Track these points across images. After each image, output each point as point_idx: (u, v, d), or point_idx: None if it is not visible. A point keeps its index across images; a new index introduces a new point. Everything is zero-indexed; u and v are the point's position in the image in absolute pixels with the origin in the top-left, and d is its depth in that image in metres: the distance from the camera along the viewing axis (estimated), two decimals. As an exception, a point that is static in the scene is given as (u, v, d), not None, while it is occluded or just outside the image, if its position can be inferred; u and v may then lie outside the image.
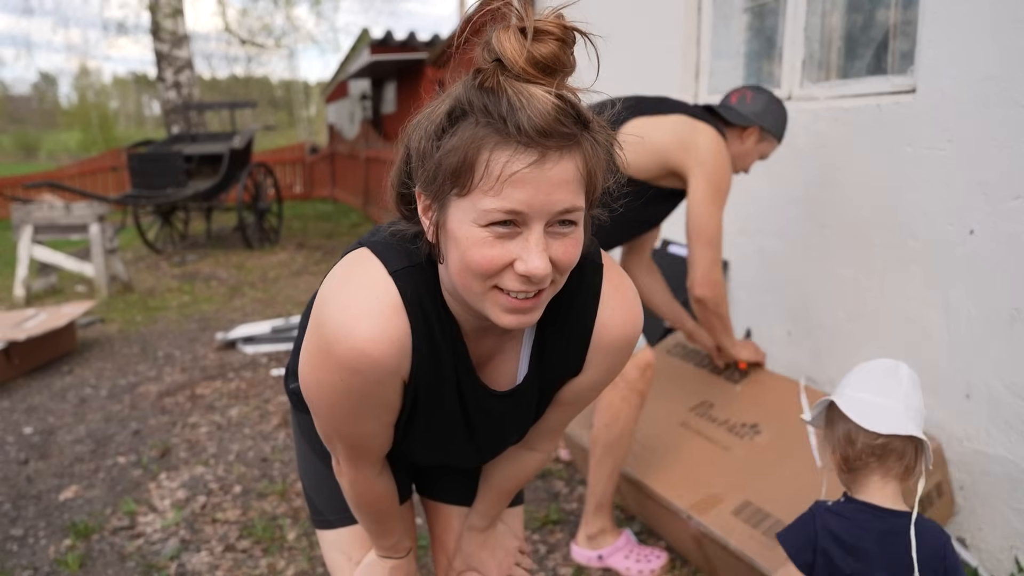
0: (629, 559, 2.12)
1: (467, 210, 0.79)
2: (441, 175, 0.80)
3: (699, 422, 2.19)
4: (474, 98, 0.78)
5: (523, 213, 0.77)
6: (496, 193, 0.76)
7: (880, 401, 1.27)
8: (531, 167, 0.76)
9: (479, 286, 0.83)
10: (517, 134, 0.75)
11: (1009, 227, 1.91)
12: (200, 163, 8.41)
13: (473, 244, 0.79)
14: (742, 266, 2.98)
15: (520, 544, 1.36)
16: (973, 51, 1.97)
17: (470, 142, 0.77)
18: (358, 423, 0.98)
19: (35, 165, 29.01)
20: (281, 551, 2.28)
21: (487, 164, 0.76)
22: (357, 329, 0.87)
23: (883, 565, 1.23)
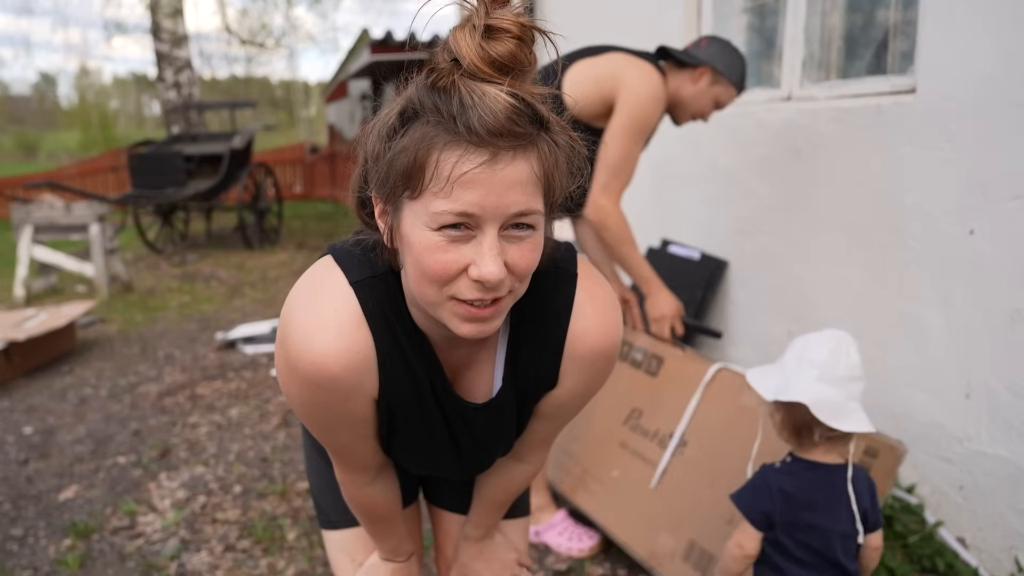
0: (562, 536, 2.19)
1: (419, 213, 0.77)
2: (392, 177, 0.78)
3: (634, 439, 2.15)
4: (425, 97, 0.76)
5: (475, 216, 0.75)
6: (447, 195, 0.74)
7: (841, 399, 1.37)
8: (482, 167, 0.73)
9: (435, 294, 0.80)
10: (467, 133, 0.72)
11: (1009, 227, 1.91)
12: (200, 163, 8.41)
13: (426, 249, 0.77)
14: (742, 266, 2.98)
15: (520, 557, 1.34)
16: (973, 51, 1.97)
17: (420, 142, 0.75)
18: (333, 434, 0.98)
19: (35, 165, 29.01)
20: (281, 551, 2.28)
21: (436, 164, 0.74)
22: (316, 344, 0.85)
23: (831, 510, 1.40)
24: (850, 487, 1.40)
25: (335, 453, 1.05)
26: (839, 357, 1.39)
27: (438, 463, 1.11)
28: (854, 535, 1.39)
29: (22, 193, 11.25)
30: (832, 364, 1.38)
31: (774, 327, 2.83)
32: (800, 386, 1.37)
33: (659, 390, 2.16)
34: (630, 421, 2.19)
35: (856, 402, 1.38)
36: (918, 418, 2.23)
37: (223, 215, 10.19)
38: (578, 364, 0.98)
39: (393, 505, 1.17)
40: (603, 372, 1.02)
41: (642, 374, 2.22)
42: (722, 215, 3.08)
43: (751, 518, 1.42)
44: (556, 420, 1.09)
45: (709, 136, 3.09)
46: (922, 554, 2.04)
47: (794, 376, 1.40)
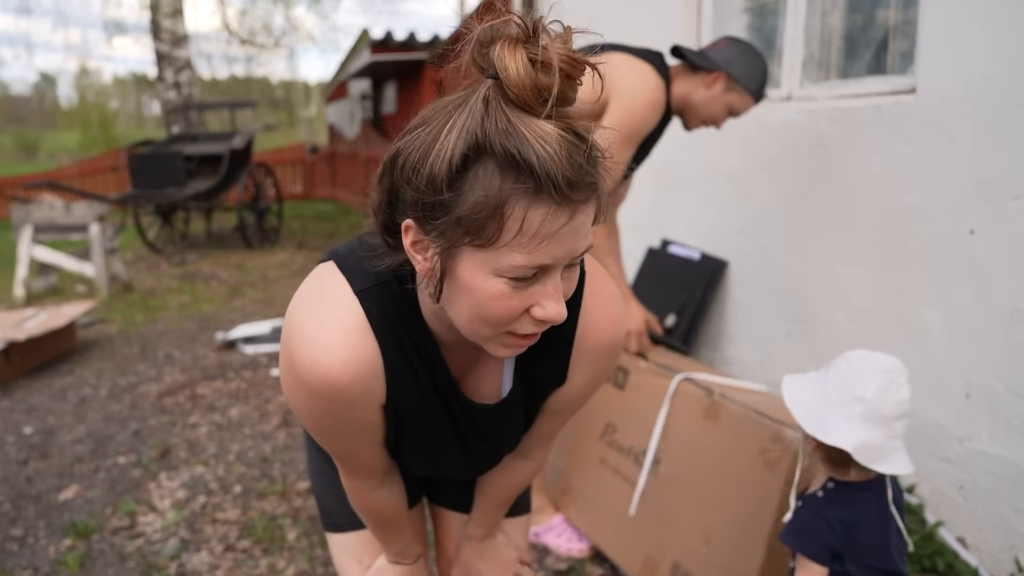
0: (561, 537, 2.20)
1: (486, 261, 0.74)
2: (460, 227, 0.73)
3: (612, 455, 2.13)
4: (494, 140, 0.70)
5: (549, 266, 0.75)
6: (529, 251, 0.72)
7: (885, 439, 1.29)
8: (566, 225, 0.72)
9: (489, 332, 0.80)
10: (553, 191, 0.70)
11: (1009, 227, 1.91)
12: (200, 163, 8.41)
13: (491, 297, 0.75)
14: (742, 266, 2.98)
15: (521, 555, 1.34)
16: (973, 51, 1.97)
17: (499, 197, 0.70)
18: (342, 442, 0.98)
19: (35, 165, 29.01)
20: (281, 551, 2.28)
21: (521, 222, 0.71)
22: (324, 356, 0.85)
23: (885, 526, 1.33)
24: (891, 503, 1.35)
25: (342, 460, 1.04)
26: (888, 394, 1.30)
27: (446, 465, 1.11)
28: (904, 544, 1.36)
29: (22, 193, 11.25)
30: (880, 402, 1.29)
31: (774, 327, 2.83)
32: (843, 427, 1.29)
33: (628, 404, 2.10)
34: (606, 437, 2.16)
35: (899, 440, 1.31)
36: (918, 418, 2.23)
37: (223, 215, 10.19)
38: (587, 358, 0.99)
39: (400, 508, 1.17)
40: (610, 364, 1.03)
41: (610, 387, 2.17)
42: (722, 215, 3.08)
43: (815, 556, 1.31)
44: (562, 415, 1.11)
45: (709, 136, 3.09)
46: (922, 554, 2.04)
47: (836, 411, 1.31)
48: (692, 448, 1.88)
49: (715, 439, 1.81)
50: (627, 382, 2.11)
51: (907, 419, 1.32)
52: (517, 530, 1.35)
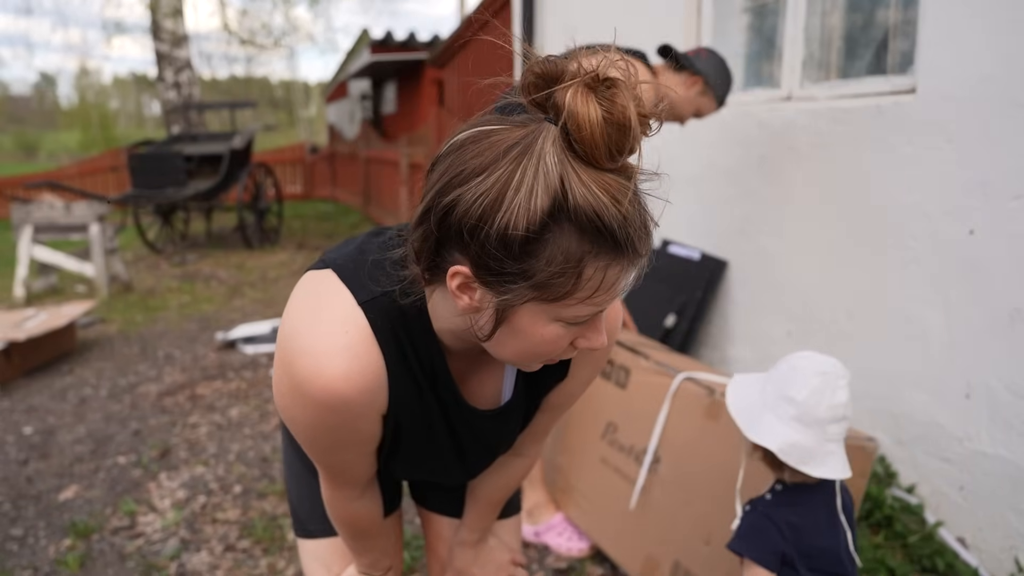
0: (561, 536, 2.22)
1: (549, 312, 0.75)
2: (529, 289, 0.72)
3: (613, 454, 2.12)
4: (577, 205, 0.67)
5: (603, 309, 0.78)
6: (596, 303, 0.74)
7: (816, 442, 1.28)
8: (630, 275, 0.75)
9: (533, 363, 0.84)
10: (632, 253, 0.72)
11: (1009, 227, 1.91)
12: (200, 163, 8.41)
13: (548, 341, 0.78)
14: (742, 266, 2.98)
15: (514, 556, 1.33)
16: (973, 51, 1.97)
17: (577, 260, 0.69)
18: (335, 454, 0.97)
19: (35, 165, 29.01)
20: (281, 551, 2.28)
21: (598, 282, 0.72)
22: (328, 368, 0.82)
23: (833, 528, 1.34)
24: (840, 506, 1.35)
25: (330, 470, 1.02)
26: (823, 397, 1.29)
27: (441, 471, 1.10)
28: (848, 546, 1.36)
29: (22, 193, 11.26)
30: (812, 405, 1.28)
31: (774, 327, 2.83)
32: (774, 427, 1.29)
33: (630, 403, 2.10)
34: (607, 436, 2.15)
35: (835, 443, 1.30)
36: (918, 418, 2.23)
37: (223, 215, 10.20)
38: (587, 353, 0.99)
39: (377, 518, 1.15)
40: (606, 355, 1.05)
41: (612, 386, 2.17)
42: (722, 215, 3.08)
43: (764, 563, 1.29)
44: (560, 409, 1.11)
45: (709, 136, 3.09)
46: (922, 554, 2.04)
47: (771, 411, 1.31)
48: (693, 447, 1.88)
49: (716, 438, 1.81)
50: (628, 381, 2.11)
51: (845, 423, 1.31)
52: (508, 532, 1.34)
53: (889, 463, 2.35)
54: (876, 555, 2.03)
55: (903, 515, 2.20)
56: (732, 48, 3.25)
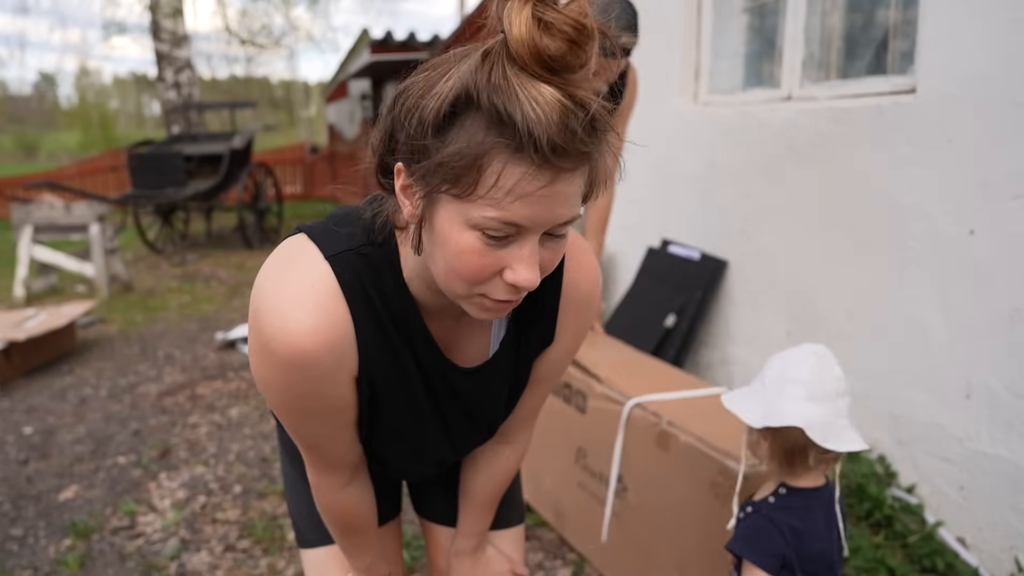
0: None
1: (461, 212, 0.73)
2: (439, 173, 0.73)
3: (587, 480, 2.09)
4: (484, 94, 0.69)
5: (523, 226, 0.73)
6: (502, 207, 0.71)
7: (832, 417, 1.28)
8: (544, 188, 0.71)
9: (463, 290, 0.79)
10: (533, 151, 0.68)
11: (1009, 227, 1.91)
12: (200, 163, 8.41)
13: (463, 251, 0.74)
14: (742, 266, 2.98)
15: (514, 567, 1.30)
16: (973, 51, 1.97)
17: (479, 149, 0.70)
18: (311, 423, 0.94)
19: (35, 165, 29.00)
20: (281, 551, 2.28)
21: (497, 177, 0.70)
22: (293, 323, 0.82)
23: (831, 533, 1.33)
24: (838, 507, 1.35)
25: (310, 449, 1.00)
26: (824, 372, 1.30)
27: (425, 446, 1.07)
28: (842, 550, 1.36)
29: (22, 193, 11.25)
30: (818, 381, 1.29)
31: (774, 327, 2.83)
32: (789, 408, 1.28)
33: (592, 428, 2.06)
34: (580, 461, 2.12)
35: (845, 419, 1.30)
36: (918, 418, 2.23)
37: (223, 215, 10.19)
38: (572, 312, 1.00)
39: (368, 515, 1.13)
40: (590, 317, 1.04)
41: (573, 411, 2.13)
42: (722, 215, 3.08)
43: (765, 566, 1.27)
44: (547, 382, 1.09)
45: (709, 136, 3.10)
46: (922, 554, 2.04)
47: (779, 398, 1.30)
48: (652, 477, 1.83)
49: (670, 470, 1.75)
50: (587, 406, 2.06)
51: (849, 397, 1.32)
52: (508, 542, 1.30)
53: (889, 463, 2.35)
54: (876, 555, 2.03)
55: (903, 515, 2.20)
56: (732, 48, 3.25)
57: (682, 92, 3.29)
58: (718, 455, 1.61)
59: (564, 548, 2.22)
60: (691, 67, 3.29)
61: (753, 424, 1.32)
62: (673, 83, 3.32)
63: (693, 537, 1.70)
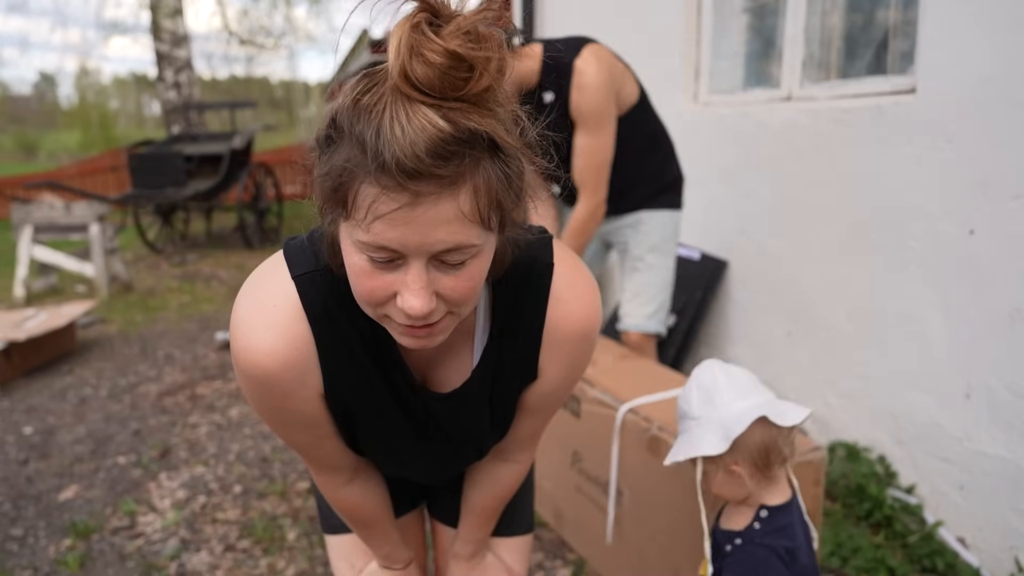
0: None
1: (348, 234, 0.74)
2: (323, 193, 0.74)
3: (584, 484, 2.09)
4: (345, 117, 0.69)
5: (397, 251, 0.71)
6: (366, 230, 0.70)
7: (771, 402, 1.30)
8: (400, 211, 0.68)
9: (371, 311, 0.79)
10: (381, 173, 0.66)
11: (1009, 227, 1.91)
12: (200, 163, 8.40)
13: (356, 272, 0.74)
14: (742, 266, 2.98)
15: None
16: (973, 51, 1.97)
17: (341, 169, 0.70)
18: (290, 431, 0.96)
19: (35, 165, 28.98)
20: (281, 551, 2.28)
21: (355, 198, 0.69)
22: (255, 341, 0.84)
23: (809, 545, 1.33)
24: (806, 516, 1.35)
25: (301, 452, 1.02)
26: (735, 375, 1.32)
27: (407, 462, 1.08)
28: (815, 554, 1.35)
29: (22, 193, 11.25)
30: (737, 382, 1.30)
31: (774, 327, 2.83)
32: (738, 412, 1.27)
33: (586, 432, 2.05)
34: (576, 465, 2.11)
35: (774, 397, 1.33)
36: (918, 418, 2.23)
37: (223, 215, 10.19)
38: (559, 350, 0.96)
39: (376, 510, 1.13)
40: (585, 356, 0.99)
41: (568, 415, 2.11)
42: (722, 215, 3.08)
43: None
44: (541, 412, 1.06)
45: (709, 136, 3.09)
46: (922, 554, 2.04)
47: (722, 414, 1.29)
48: (646, 482, 1.83)
49: (661, 475, 1.74)
50: (581, 410, 2.05)
51: (764, 385, 1.35)
52: (511, 552, 1.28)
53: (889, 463, 2.35)
54: (876, 555, 2.03)
55: (903, 515, 2.20)
56: (732, 48, 3.25)
57: (682, 92, 3.29)
58: None
59: (564, 548, 2.22)
60: (691, 67, 3.29)
61: (718, 450, 1.27)
62: (673, 83, 3.32)
63: (687, 541, 1.70)
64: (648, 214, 2.42)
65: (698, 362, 3.24)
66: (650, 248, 2.42)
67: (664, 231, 2.43)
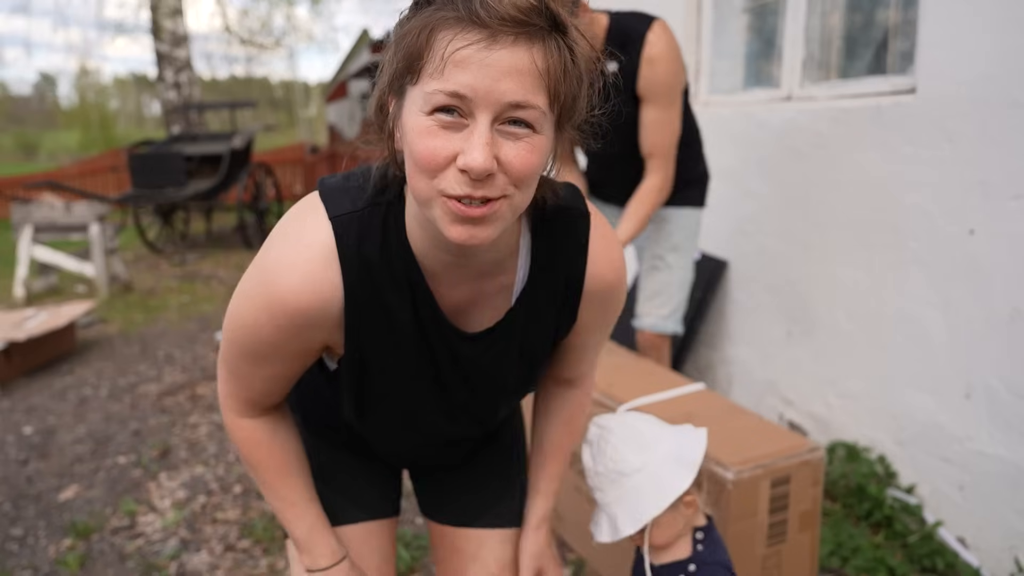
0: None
1: (416, 99, 0.75)
2: (397, 62, 0.76)
3: (583, 484, 2.04)
4: None
5: (467, 98, 0.72)
6: (440, 74, 0.72)
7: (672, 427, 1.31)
8: (476, 47, 0.70)
9: (426, 187, 0.76)
10: (467, 13, 0.70)
11: (1009, 227, 1.91)
12: (200, 163, 8.40)
13: (418, 133, 0.74)
14: (742, 266, 2.98)
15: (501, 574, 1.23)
16: (973, 51, 1.97)
17: (424, 23, 0.74)
18: (253, 363, 0.95)
19: (35, 165, 28.99)
20: (281, 551, 2.28)
21: (434, 44, 0.73)
22: (283, 278, 0.86)
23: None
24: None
25: (237, 379, 0.98)
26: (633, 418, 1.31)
27: (419, 421, 1.04)
28: None
29: (22, 193, 11.25)
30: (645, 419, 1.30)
31: (774, 327, 2.83)
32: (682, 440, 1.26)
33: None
34: (575, 466, 2.07)
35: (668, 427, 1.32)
36: (918, 418, 2.23)
37: (223, 215, 10.19)
38: (597, 300, 1.01)
39: (281, 454, 1.04)
40: (619, 302, 1.05)
41: None
42: (722, 215, 3.08)
43: None
44: (587, 350, 1.11)
45: (709, 136, 3.09)
46: (922, 554, 2.04)
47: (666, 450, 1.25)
48: None
49: None
50: None
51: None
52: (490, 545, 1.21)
53: (889, 463, 2.35)
54: (876, 555, 2.03)
55: (903, 515, 2.20)
56: (732, 48, 3.25)
57: (682, 92, 3.29)
58: (706, 461, 1.60)
59: (564, 548, 2.22)
60: (691, 67, 3.29)
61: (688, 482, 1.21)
62: (673, 83, 3.32)
63: None
64: (673, 211, 2.36)
65: (698, 362, 3.25)
66: (672, 248, 2.38)
67: (687, 230, 2.39)
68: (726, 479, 1.54)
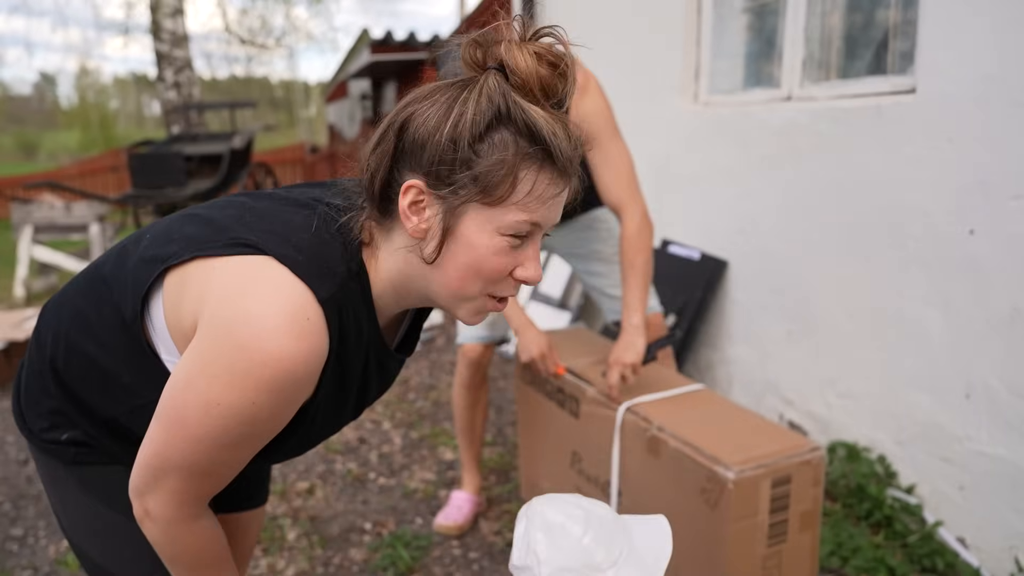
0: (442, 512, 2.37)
1: (491, 219, 0.83)
2: (473, 184, 0.82)
3: (584, 485, 2.07)
4: (515, 113, 0.81)
5: (539, 226, 0.86)
6: (531, 211, 0.84)
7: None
8: (556, 188, 0.85)
9: (476, 290, 0.88)
10: (559, 162, 0.83)
11: (1009, 227, 1.91)
12: (200, 163, 8.40)
13: (492, 252, 0.84)
14: (742, 266, 2.98)
15: None
16: (973, 51, 1.97)
17: (517, 159, 0.82)
18: (235, 449, 0.88)
19: (35, 165, 28.99)
20: (281, 551, 2.28)
21: (532, 184, 0.83)
22: (274, 347, 0.80)
23: None
24: None
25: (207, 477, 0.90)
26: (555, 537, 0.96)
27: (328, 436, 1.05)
28: None
29: (22, 193, 11.25)
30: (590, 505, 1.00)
31: (774, 327, 2.83)
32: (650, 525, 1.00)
33: (585, 433, 2.01)
34: (575, 465, 2.10)
35: None
36: (918, 418, 2.23)
37: (223, 215, 10.17)
38: None
39: (224, 545, 1.00)
40: None
41: (567, 415, 2.08)
42: (722, 215, 3.08)
43: None
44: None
45: (709, 136, 3.10)
46: (922, 554, 2.04)
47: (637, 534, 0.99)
48: (645, 483, 1.81)
49: (661, 476, 1.73)
50: (580, 411, 2.03)
51: None
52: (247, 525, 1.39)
53: (889, 463, 2.35)
54: (876, 555, 2.03)
55: (903, 515, 2.20)
56: (732, 48, 3.25)
57: (682, 92, 3.29)
58: (707, 461, 1.60)
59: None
60: (691, 67, 3.29)
61: None
62: (673, 83, 3.32)
63: (685, 542, 1.69)
64: (601, 211, 2.27)
65: (698, 362, 3.25)
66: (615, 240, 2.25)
67: (612, 220, 2.28)
68: (727, 479, 1.54)
